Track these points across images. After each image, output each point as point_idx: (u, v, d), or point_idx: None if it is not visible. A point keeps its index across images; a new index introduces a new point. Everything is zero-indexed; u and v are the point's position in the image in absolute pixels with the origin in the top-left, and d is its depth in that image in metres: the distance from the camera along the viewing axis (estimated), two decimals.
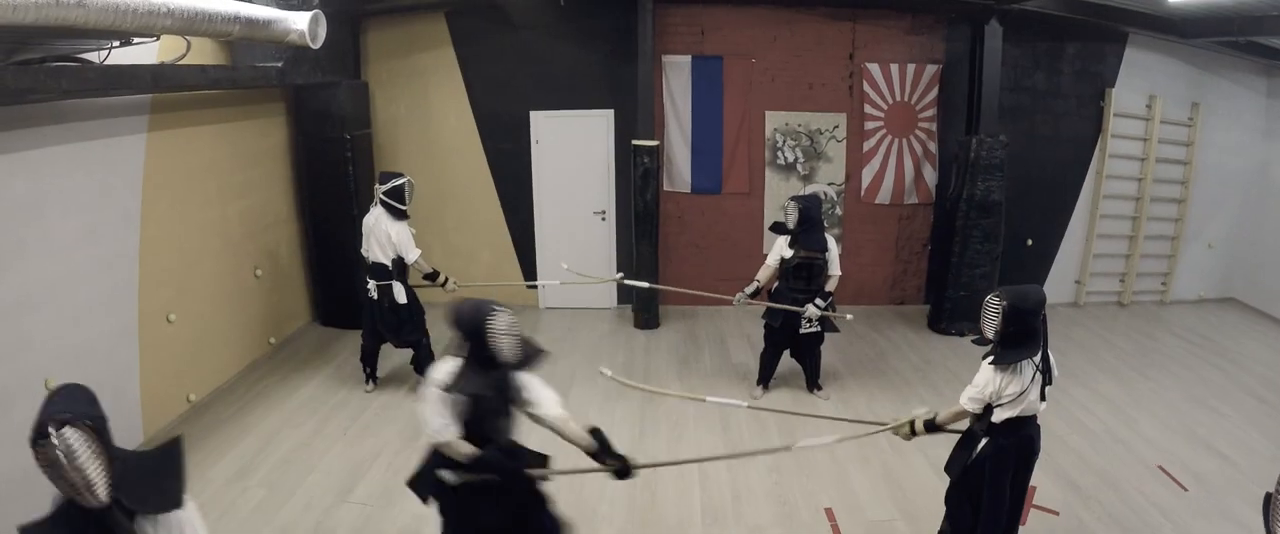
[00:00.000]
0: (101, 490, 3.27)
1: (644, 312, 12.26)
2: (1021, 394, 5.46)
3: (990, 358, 5.58)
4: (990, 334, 5.61)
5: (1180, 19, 11.54)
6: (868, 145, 12.51)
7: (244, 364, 10.34)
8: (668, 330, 12.18)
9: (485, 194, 12.86)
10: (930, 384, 10.07)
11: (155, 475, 3.64)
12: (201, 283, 9.52)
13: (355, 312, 9.44)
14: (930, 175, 12.68)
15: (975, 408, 5.68)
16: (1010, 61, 11.93)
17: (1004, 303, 5.45)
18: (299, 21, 7.94)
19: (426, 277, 9.48)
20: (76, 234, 7.49)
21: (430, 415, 5.06)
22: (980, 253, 11.62)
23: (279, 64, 9.93)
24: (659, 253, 12.17)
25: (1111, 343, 11.67)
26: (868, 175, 12.62)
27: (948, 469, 6.11)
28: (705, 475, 7.85)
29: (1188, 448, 8.48)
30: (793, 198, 9.15)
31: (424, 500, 5.52)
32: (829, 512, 7.33)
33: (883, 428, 6.40)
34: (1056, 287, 13.11)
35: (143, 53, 7.52)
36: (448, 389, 4.98)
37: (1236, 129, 12.99)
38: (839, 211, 12.61)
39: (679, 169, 12.56)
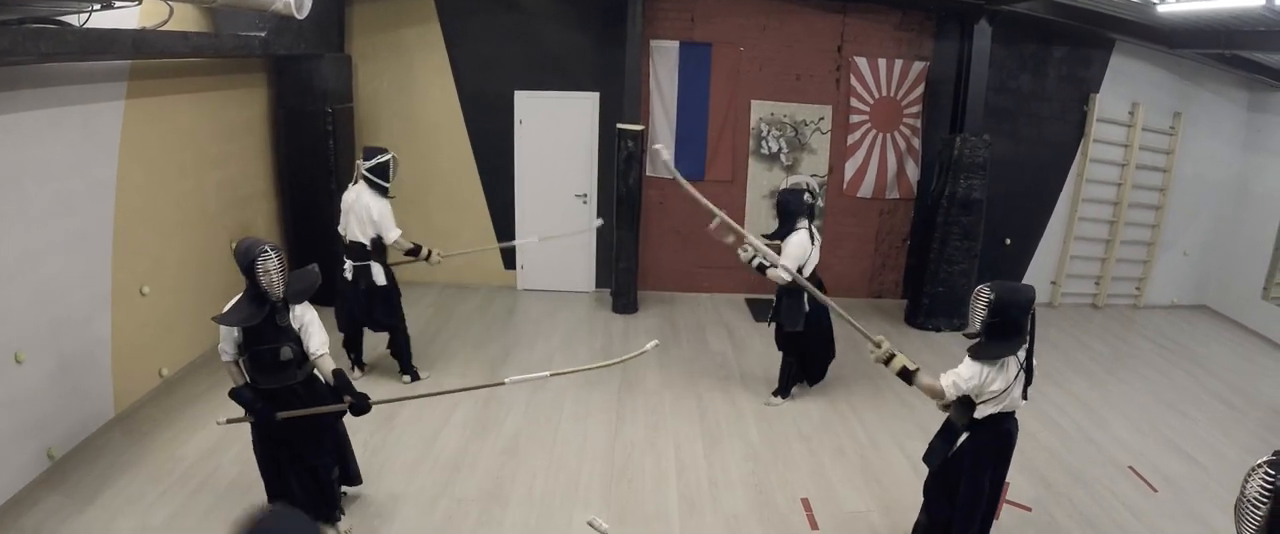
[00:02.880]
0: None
1: (622, 296, 12.24)
2: (1005, 391, 5.45)
3: (973, 352, 5.57)
4: (976, 324, 5.59)
5: (1168, 29, 11.58)
6: (852, 139, 12.51)
7: (218, 339, 10.18)
8: (646, 315, 12.19)
9: (467, 173, 12.81)
10: None
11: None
12: (176, 255, 9.41)
13: (332, 290, 9.11)
14: (913, 171, 12.69)
15: (952, 394, 5.65)
16: (997, 62, 11.92)
17: (991, 294, 5.43)
18: None
19: (408, 252, 9.30)
20: (50, 202, 7.38)
21: (221, 342, 6.05)
22: (959, 250, 11.65)
23: (262, 34, 9.82)
24: (639, 238, 12.13)
25: (1085, 344, 11.75)
26: (851, 168, 12.63)
27: (926, 460, 6.11)
28: (682, 465, 7.87)
29: (1158, 450, 8.57)
30: (778, 190, 9.16)
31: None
32: (805, 502, 7.34)
33: (871, 339, 6.29)
34: (1032, 286, 13.05)
35: (123, 17, 7.38)
36: (216, 319, 5.87)
37: (1216, 140, 13.05)
38: (820, 204, 12.57)
39: (662, 154, 12.43)
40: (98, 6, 6.70)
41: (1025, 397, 5.61)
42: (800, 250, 8.54)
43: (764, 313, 9.21)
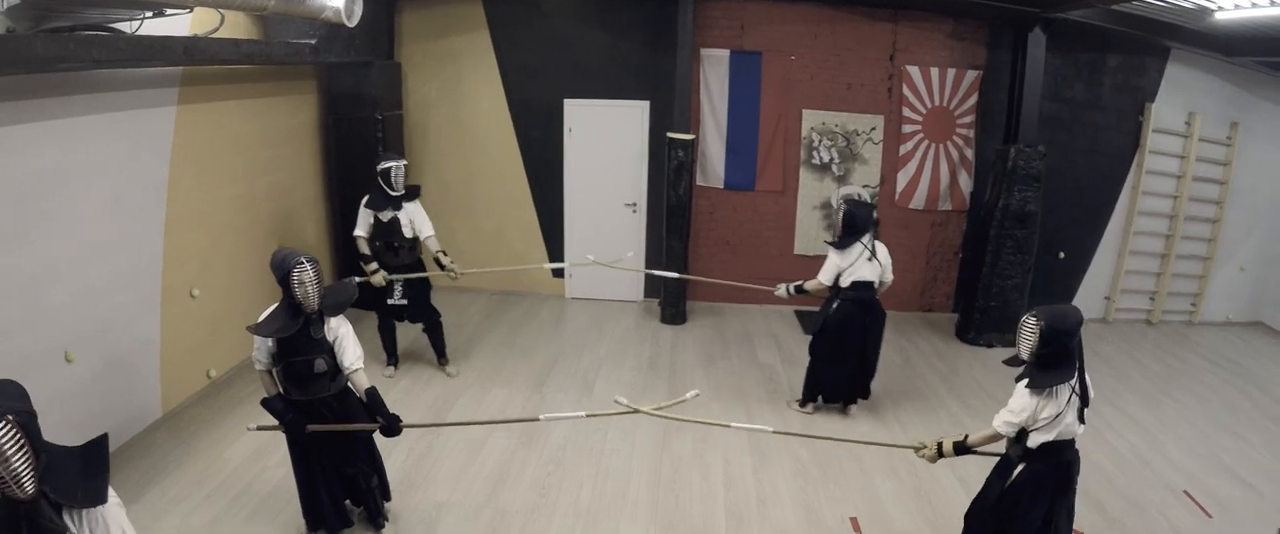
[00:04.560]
0: (29, 483, 3.43)
1: (671, 306, 12.18)
2: (1057, 417, 5.33)
3: (1025, 381, 5.45)
4: (1025, 355, 5.48)
5: (1225, 36, 11.37)
6: (904, 149, 12.38)
7: None
8: (694, 326, 12.10)
9: (516, 180, 12.80)
10: (957, 395, 9.95)
11: (82, 471, 3.72)
12: (226, 258, 9.48)
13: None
14: (966, 182, 12.53)
15: (1009, 432, 5.58)
16: (1051, 71, 11.72)
17: (1042, 323, 5.32)
18: None
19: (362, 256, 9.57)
20: (102, 205, 7.47)
21: (254, 350, 5.98)
22: (1012, 264, 11.47)
23: (313, 41, 9.87)
24: (688, 248, 12.03)
25: (1139, 362, 11.52)
26: (903, 179, 12.50)
27: (983, 494, 6.00)
28: (730, 480, 7.79)
29: (1212, 473, 8.37)
30: (844, 200, 9.16)
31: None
32: (854, 521, 7.24)
33: (909, 447, 6.28)
34: (1086, 302, 12.94)
35: (175, 24, 7.48)
36: (251, 328, 5.83)
37: (1274, 150, 12.77)
38: (875, 215, 12.47)
39: (712, 164, 12.45)
40: (149, 14, 6.73)
41: (1082, 420, 5.46)
42: (831, 267, 8.72)
43: (813, 325, 9.15)
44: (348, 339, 5.99)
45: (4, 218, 6.44)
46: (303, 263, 5.67)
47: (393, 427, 6.01)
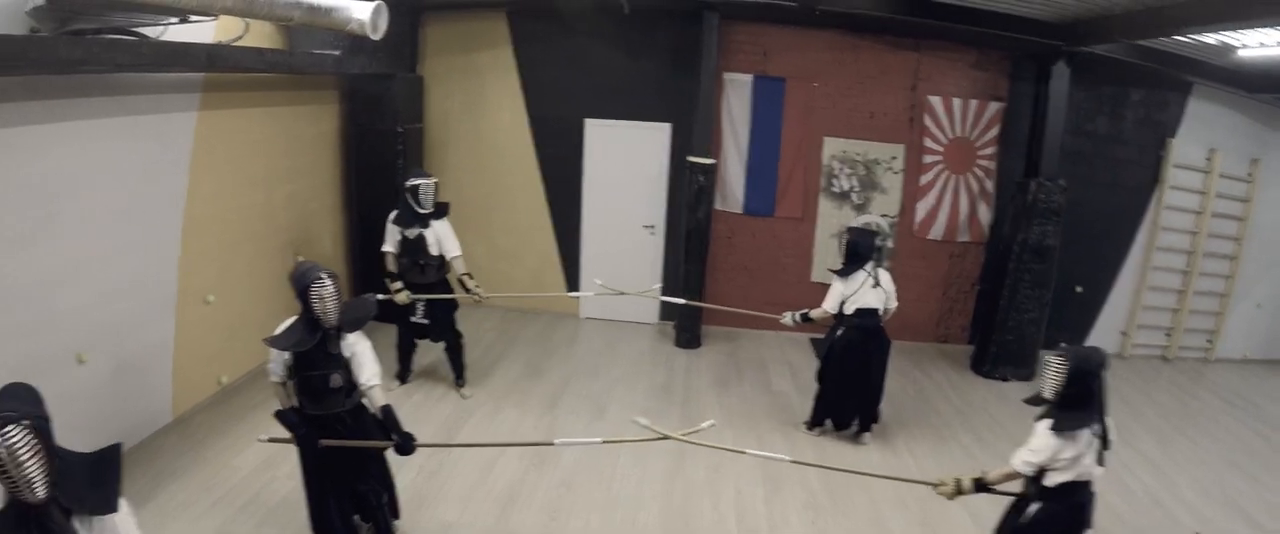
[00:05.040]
0: (41, 488, 3.38)
1: (685, 330, 12.16)
2: (1077, 458, 5.31)
3: (1048, 421, 5.42)
4: (1048, 394, 5.46)
5: (1247, 73, 11.33)
6: (925, 179, 12.36)
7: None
8: (709, 351, 12.07)
9: (534, 197, 12.82)
10: (971, 429, 9.87)
11: (94, 478, 3.70)
12: (242, 266, 9.54)
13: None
14: (985, 214, 12.50)
15: (1028, 471, 5.55)
16: (1073, 104, 11.70)
17: (1067, 363, 5.31)
18: (361, 11, 7.87)
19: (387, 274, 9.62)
20: (120, 209, 7.52)
21: (270, 362, 6.00)
22: (1030, 298, 11.44)
23: (336, 52, 9.96)
24: (705, 272, 12.03)
25: (1154, 399, 11.45)
26: (922, 210, 12.48)
27: (997, 531, 5.99)
28: (741, 510, 7.74)
29: (1226, 516, 8.29)
30: (847, 228, 9.17)
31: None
32: None
33: (929, 483, 6.26)
34: (1102, 337, 12.89)
35: (199, 31, 7.47)
36: (267, 341, 5.87)
37: None
38: (891, 244, 12.44)
39: (732, 189, 12.45)
40: (174, 20, 6.75)
41: (1101, 463, 5.44)
42: (834, 295, 8.80)
43: (819, 352, 9.21)
44: (365, 355, 5.99)
45: (22, 218, 6.48)
46: (322, 278, 5.71)
47: (407, 445, 5.99)
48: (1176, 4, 8.22)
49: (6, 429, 3.24)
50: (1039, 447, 5.41)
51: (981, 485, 5.91)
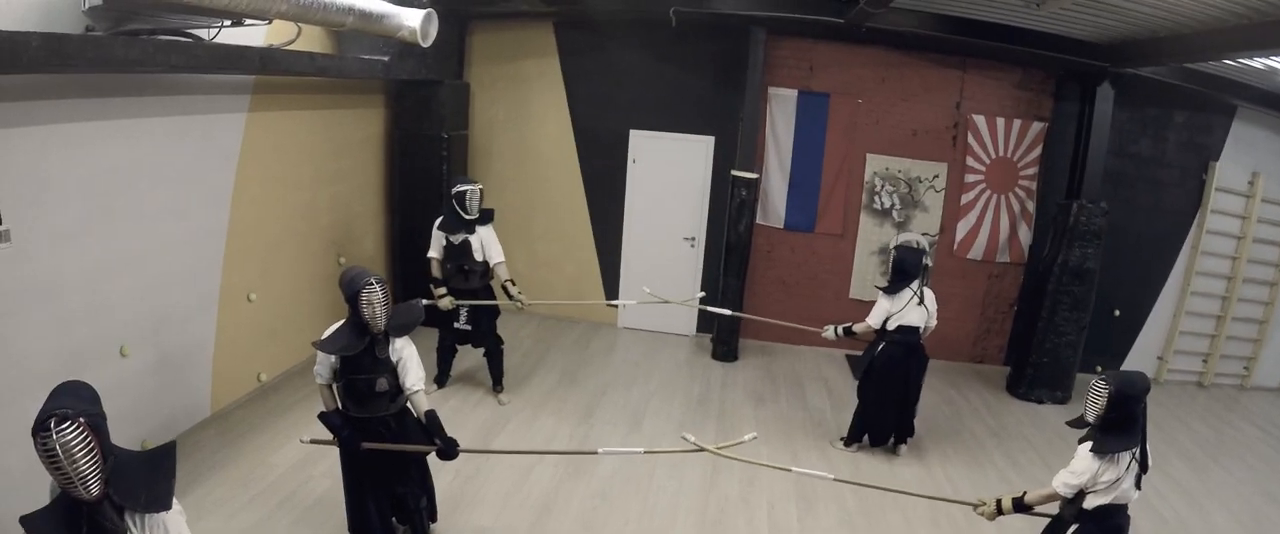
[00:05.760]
0: (94, 485, 3.44)
1: (723, 343, 12.18)
2: (1116, 482, 5.34)
3: (1090, 444, 5.45)
4: (1091, 418, 5.50)
5: None
6: (966, 198, 12.34)
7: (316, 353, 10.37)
8: (745, 365, 12.07)
9: (576, 207, 12.90)
10: (1006, 451, 9.83)
11: (148, 476, 3.75)
12: (285, 265, 9.68)
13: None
14: (1025, 235, 12.47)
15: (1069, 493, 5.57)
16: (1116, 126, 11.62)
17: (1111, 388, 5.35)
18: (412, 18, 8.00)
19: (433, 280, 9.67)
20: (167, 206, 7.65)
21: (316, 364, 6.04)
22: (1068, 321, 11.39)
23: (385, 58, 10.05)
24: (744, 286, 12.07)
25: (1189, 425, 11.35)
26: (963, 229, 12.46)
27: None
28: (775, 526, 7.73)
29: None
30: (895, 246, 9.22)
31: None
32: None
33: (969, 504, 6.29)
34: (1139, 361, 12.77)
35: (250, 34, 7.62)
36: (316, 344, 5.93)
37: None
38: (929, 263, 12.40)
39: (774, 204, 12.48)
40: (228, 22, 6.84)
41: (1138, 487, 5.47)
42: (880, 311, 8.83)
43: (859, 368, 9.23)
44: (411, 360, 6.06)
45: (72, 212, 6.60)
46: (372, 283, 5.80)
47: (450, 451, 6.07)
48: (1222, 28, 8.20)
49: (63, 426, 3.31)
50: (1080, 469, 5.44)
51: (1021, 506, 5.94)
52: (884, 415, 9.23)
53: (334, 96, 10.37)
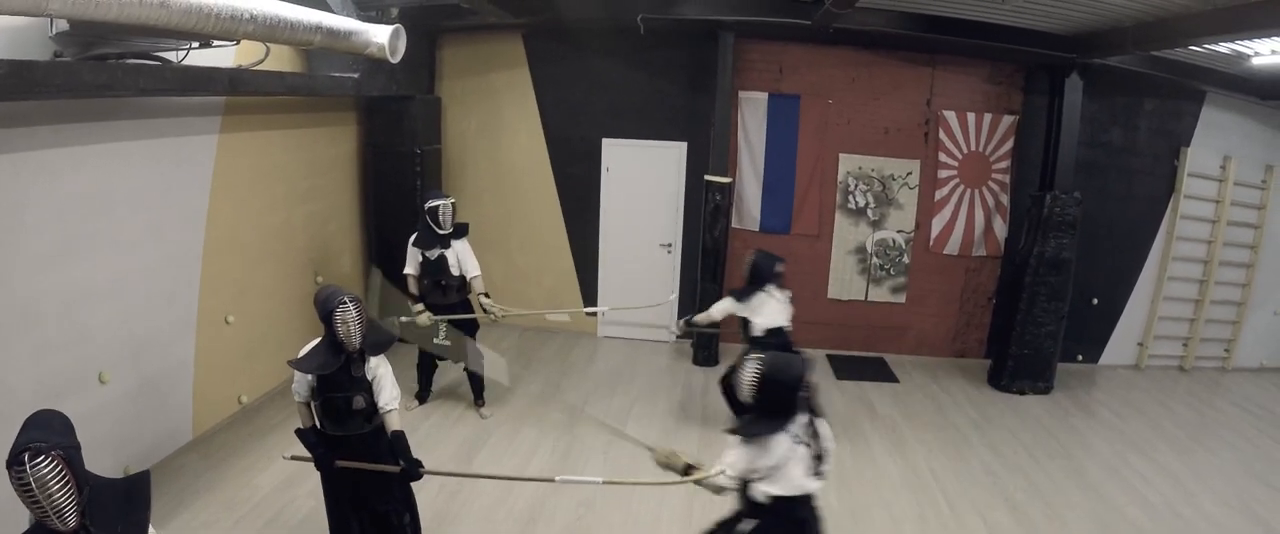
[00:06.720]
0: (71, 517, 3.40)
1: (703, 348, 12.21)
2: (778, 467, 5.01)
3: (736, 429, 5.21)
4: (744, 399, 5.13)
5: (1260, 79, 11.33)
6: (940, 194, 12.38)
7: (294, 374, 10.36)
8: (726, 368, 11.94)
9: (551, 217, 12.90)
10: (988, 443, 9.87)
11: (124, 505, 3.73)
12: (262, 286, 9.65)
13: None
14: (1000, 228, 12.52)
15: (728, 483, 5.22)
16: (1087, 116, 11.69)
17: (761, 370, 5.03)
18: (380, 35, 8.01)
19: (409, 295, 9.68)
20: (142, 230, 7.63)
21: (294, 382, 6.01)
22: (1046, 311, 11.45)
23: (355, 75, 10.04)
24: (722, 290, 11.98)
25: (1171, 410, 11.40)
26: (938, 225, 12.49)
27: None
28: None
29: (1247, 526, 8.24)
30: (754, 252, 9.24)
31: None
32: None
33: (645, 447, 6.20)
34: (1119, 348, 12.95)
35: (220, 55, 7.63)
36: (292, 363, 5.91)
37: None
38: (906, 260, 12.51)
39: (748, 207, 12.51)
40: (196, 45, 6.85)
41: (818, 476, 5.17)
42: (720, 308, 9.29)
43: (846, 370, 9.19)
44: (386, 379, 6.06)
45: (46, 239, 6.58)
46: (346, 302, 5.77)
47: (413, 472, 6.06)
48: (1187, 15, 8.25)
49: (37, 460, 3.28)
50: (730, 459, 5.13)
51: (690, 472, 5.55)
52: None
53: (305, 115, 10.34)
